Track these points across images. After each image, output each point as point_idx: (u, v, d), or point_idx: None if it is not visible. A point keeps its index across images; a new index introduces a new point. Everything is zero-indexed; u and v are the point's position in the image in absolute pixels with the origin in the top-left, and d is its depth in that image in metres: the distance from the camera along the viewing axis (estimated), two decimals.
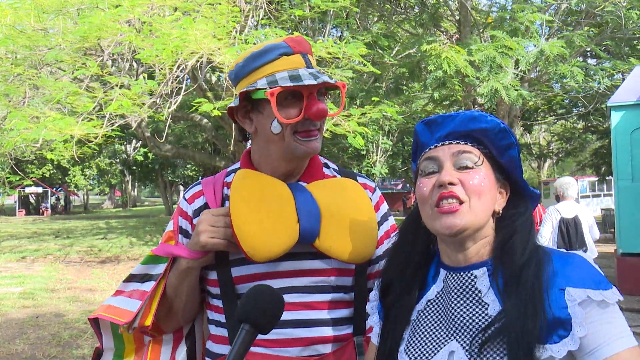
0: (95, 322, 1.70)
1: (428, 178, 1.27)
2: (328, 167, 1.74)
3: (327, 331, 1.56)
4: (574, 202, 6.99)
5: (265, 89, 1.48)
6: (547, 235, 6.85)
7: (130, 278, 1.68)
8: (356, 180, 1.71)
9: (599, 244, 16.72)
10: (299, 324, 1.51)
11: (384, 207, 1.74)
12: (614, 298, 1.16)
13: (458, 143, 1.27)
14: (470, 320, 1.21)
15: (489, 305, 1.21)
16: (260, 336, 1.37)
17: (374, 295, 1.45)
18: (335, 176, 1.71)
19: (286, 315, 1.48)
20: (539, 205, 9.78)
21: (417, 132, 1.35)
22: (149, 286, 1.61)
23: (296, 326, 1.51)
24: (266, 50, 1.53)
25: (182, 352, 1.72)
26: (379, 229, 1.65)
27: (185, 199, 1.68)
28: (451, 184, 1.22)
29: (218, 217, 1.53)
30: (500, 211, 1.29)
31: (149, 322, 1.57)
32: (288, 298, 1.51)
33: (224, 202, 1.63)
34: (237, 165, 1.71)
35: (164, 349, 1.71)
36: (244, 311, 1.19)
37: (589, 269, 1.19)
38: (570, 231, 6.73)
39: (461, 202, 1.22)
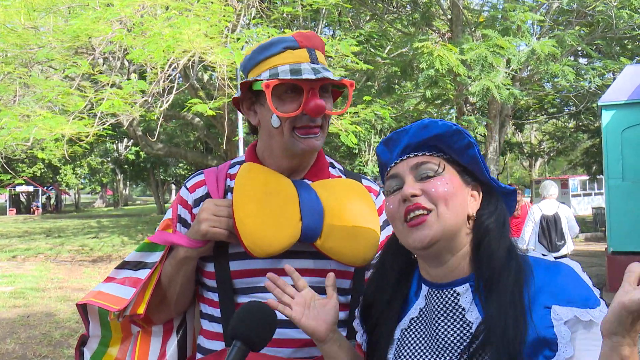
0: (83, 309, 1.67)
1: (394, 195, 1.24)
2: (334, 167, 1.72)
3: None
4: (555, 201, 7.79)
5: (262, 80, 1.47)
6: (527, 235, 7.68)
7: (123, 265, 1.66)
8: (361, 183, 1.69)
9: (589, 243, 16.87)
10: (293, 324, 1.51)
11: (382, 217, 1.70)
12: (601, 317, 1.10)
13: (416, 155, 1.25)
14: (455, 341, 1.18)
15: (473, 323, 1.18)
16: None
17: (358, 312, 1.43)
18: (340, 176, 1.69)
19: (281, 315, 1.49)
20: (527, 202, 9.94)
21: (378, 154, 1.33)
22: (143, 274, 1.58)
23: (290, 326, 1.48)
24: (272, 43, 1.53)
25: (172, 344, 1.69)
26: (380, 233, 1.62)
27: (187, 188, 1.65)
28: (414, 195, 1.19)
29: (221, 206, 1.50)
30: (474, 214, 1.25)
31: (141, 309, 1.54)
32: None
33: (226, 194, 1.61)
34: (242, 157, 1.69)
35: (153, 341, 1.68)
36: (237, 328, 1.17)
37: (576, 282, 1.15)
38: (550, 226, 7.57)
39: (429, 212, 1.19)
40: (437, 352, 1.20)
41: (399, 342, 1.28)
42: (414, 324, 1.27)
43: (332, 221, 1.52)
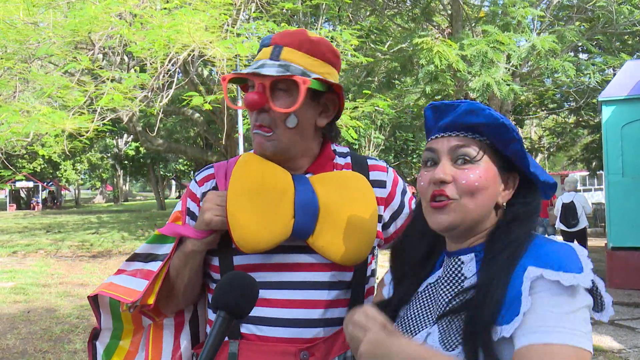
0: (94, 301, 1.68)
1: (427, 171, 1.26)
2: (343, 155, 1.69)
3: (321, 329, 1.56)
4: (573, 192, 10.81)
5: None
6: (553, 218, 11.34)
7: (134, 257, 1.67)
8: (366, 164, 1.67)
9: (590, 238, 16.95)
10: (295, 324, 1.52)
11: (399, 187, 1.70)
12: (572, 281, 1.06)
13: (457, 135, 1.24)
14: (445, 303, 1.21)
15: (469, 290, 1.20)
16: (254, 331, 1.43)
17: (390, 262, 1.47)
18: (348, 163, 1.66)
19: (282, 313, 1.51)
20: None
21: (425, 116, 1.35)
22: (154, 266, 1.60)
23: (293, 325, 1.51)
24: (261, 41, 1.57)
25: (186, 337, 1.71)
26: (390, 225, 1.67)
27: (196, 182, 1.66)
28: (443, 182, 1.21)
29: (223, 197, 1.52)
30: (504, 204, 1.25)
31: (151, 300, 1.56)
32: (287, 294, 1.52)
33: None
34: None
35: (165, 334, 1.70)
36: (219, 298, 1.19)
37: (565, 255, 1.11)
38: (567, 212, 10.58)
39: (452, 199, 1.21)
40: (427, 313, 1.25)
41: (411, 303, 1.32)
42: (428, 289, 1.31)
43: (326, 219, 1.51)
